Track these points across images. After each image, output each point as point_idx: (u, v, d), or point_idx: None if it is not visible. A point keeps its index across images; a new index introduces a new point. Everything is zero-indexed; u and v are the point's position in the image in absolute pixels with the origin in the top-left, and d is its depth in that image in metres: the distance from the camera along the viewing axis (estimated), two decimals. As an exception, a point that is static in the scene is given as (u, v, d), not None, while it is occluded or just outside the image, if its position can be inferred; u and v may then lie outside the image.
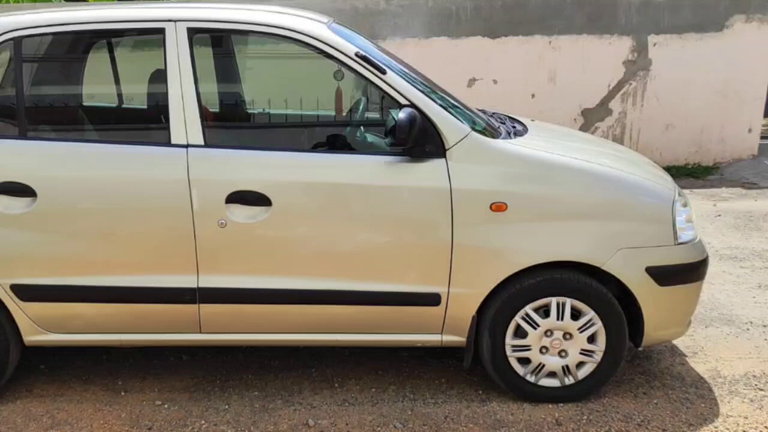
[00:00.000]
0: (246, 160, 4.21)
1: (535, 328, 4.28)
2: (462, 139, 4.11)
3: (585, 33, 10.47)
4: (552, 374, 4.39)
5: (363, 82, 4.36)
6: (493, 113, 5.29)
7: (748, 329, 5.40)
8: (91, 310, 4.34)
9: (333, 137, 4.70)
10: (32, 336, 4.40)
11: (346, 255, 4.23)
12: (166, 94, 4.18)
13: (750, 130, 11.03)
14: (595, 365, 4.36)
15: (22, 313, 4.31)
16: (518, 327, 4.29)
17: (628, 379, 4.72)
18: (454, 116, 4.23)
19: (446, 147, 4.10)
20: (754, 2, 10.54)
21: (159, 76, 4.35)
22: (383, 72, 4.15)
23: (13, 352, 4.43)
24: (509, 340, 4.31)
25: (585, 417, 4.28)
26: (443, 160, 4.10)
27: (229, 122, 5.45)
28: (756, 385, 4.64)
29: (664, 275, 4.24)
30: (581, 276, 4.23)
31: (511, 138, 4.47)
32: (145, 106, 5.13)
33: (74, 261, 4.24)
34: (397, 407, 4.40)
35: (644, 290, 4.24)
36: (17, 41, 4.22)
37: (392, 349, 5.08)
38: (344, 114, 5.99)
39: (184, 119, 4.15)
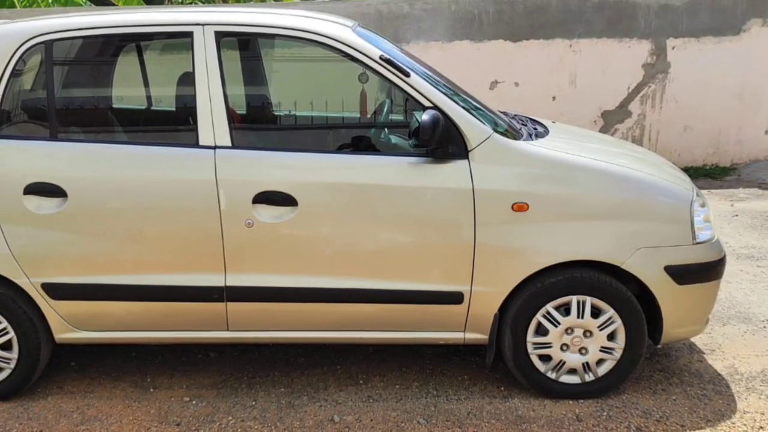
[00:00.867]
0: (272, 161, 4.36)
1: (555, 326, 4.41)
2: (484, 141, 4.24)
3: (605, 36, 10.70)
4: (572, 371, 4.53)
5: (387, 85, 4.50)
6: (515, 115, 5.44)
7: (765, 327, 5.56)
8: (121, 308, 4.50)
9: (357, 139, 4.86)
10: (63, 334, 4.57)
11: (371, 254, 4.37)
12: (194, 97, 4.33)
13: (766, 132, 11.21)
14: (615, 362, 4.49)
15: (53, 311, 4.48)
16: (539, 325, 4.43)
17: (647, 375, 4.86)
18: (477, 118, 4.35)
19: (469, 148, 4.23)
20: (772, 7, 10.74)
21: (187, 79, 4.49)
22: (407, 75, 4.29)
23: (44, 350, 4.59)
24: (531, 338, 4.45)
25: (605, 413, 4.42)
26: (466, 161, 4.24)
27: (256, 124, 5.56)
28: (773, 382, 4.79)
29: (682, 274, 4.36)
30: (601, 275, 4.36)
31: (532, 139, 4.60)
32: (174, 108, 5.26)
33: (104, 260, 4.39)
34: (421, 403, 4.56)
35: (663, 289, 4.36)
36: (48, 45, 4.38)
37: (416, 347, 5.23)
38: (369, 116, 6.15)
39: (212, 121, 4.30)
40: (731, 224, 8.30)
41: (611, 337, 4.45)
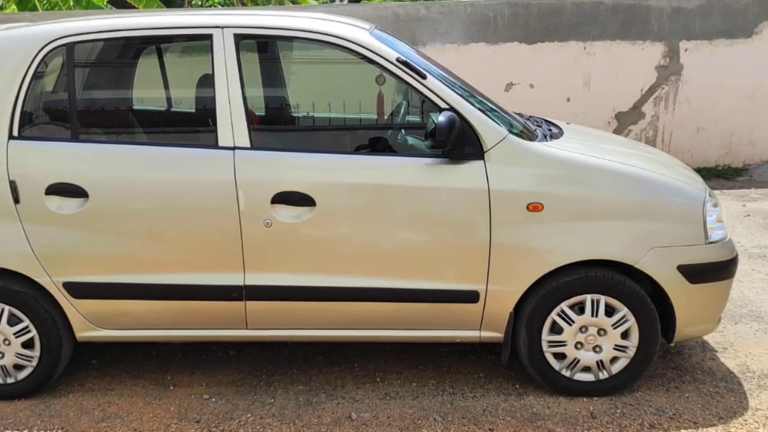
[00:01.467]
0: (291, 162, 4.48)
1: (570, 325, 4.52)
2: (500, 142, 4.34)
3: (618, 39, 10.86)
4: (587, 369, 4.63)
5: (404, 87, 4.62)
6: (530, 117, 5.56)
7: (777, 326, 5.68)
8: (141, 307, 4.62)
9: (375, 140, 4.96)
10: (84, 332, 4.70)
11: (388, 254, 4.47)
12: (213, 98, 4.44)
13: (779, 133, 11.34)
14: (629, 360, 4.59)
15: (74, 309, 4.61)
16: (554, 323, 4.53)
17: (661, 373, 4.97)
18: (492, 119, 4.46)
19: (484, 149, 4.33)
20: (783, 9, 10.90)
21: (207, 81, 4.60)
22: (423, 77, 4.39)
23: (66, 348, 4.73)
24: (545, 336, 4.56)
25: (619, 410, 4.53)
26: (482, 161, 4.34)
27: (275, 125, 5.68)
28: (785, 380, 4.90)
29: (695, 273, 4.46)
30: (615, 274, 4.46)
31: (547, 140, 4.70)
32: (193, 110, 5.37)
33: (124, 259, 4.51)
34: (437, 401, 4.68)
35: (676, 288, 4.46)
36: (69, 47, 4.50)
37: (432, 345, 5.36)
38: (386, 117, 6.25)
39: (231, 122, 4.40)
40: (743, 224, 8.42)
41: (625, 335, 4.55)
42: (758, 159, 11.42)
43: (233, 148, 4.40)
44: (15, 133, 4.45)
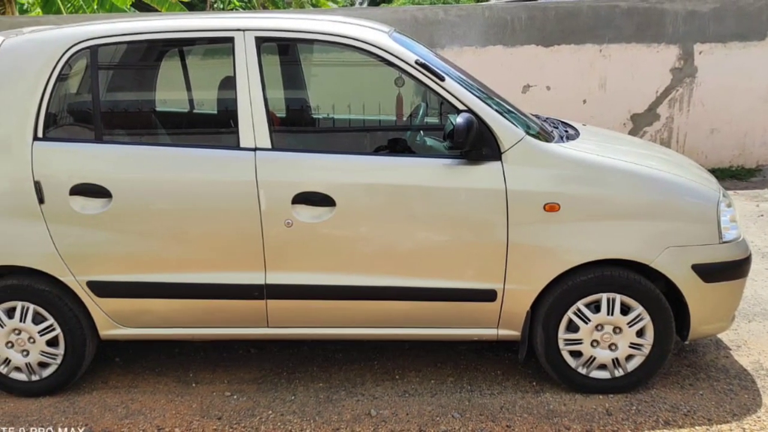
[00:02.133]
0: (311, 163, 4.58)
1: (586, 323, 4.63)
2: (517, 143, 4.45)
3: (634, 42, 11.00)
4: (602, 366, 4.75)
5: (422, 89, 4.72)
6: (547, 118, 5.68)
7: (790, 324, 5.79)
8: (164, 305, 4.74)
9: (394, 141, 5.06)
10: (107, 330, 4.84)
11: (407, 253, 4.58)
12: (235, 100, 4.55)
13: (792, 134, 11.50)
14: (644, 358, 4.70)
15: (98, 308, 4.75)
16: (570, 321, 4.65)
17: (675, 371, 5.09)
18: (510, 121, 4.56)
19: (502, 150, 4.44)
20: (796, 12, 11.06)
21: (228, 83, 4.74)
22: (442, 79, 4.49)
23: (90, 346, 4.87)
24: (562, 334, 4.67)
25: (634, 407, 4.64)
26: (499, 162, 4.44)
27: (295, 126, 5.81)
28: (798, 378, 5.02)
29: (709, 272, 4.56)
30: (630, 273, 4.56)
31: (563, 141, 4.81)
32: (215, 112, 5.51)
33: (147, 259, 4.64)
34: (455, 398, 4.80)
35: (690, 287, 4.56)
36: (93, 50, 4.63)
37: (450, 343, 5.50)
38: (405, 119, 6.36)
39: (253, 124, 4.52)
40: (757, 224, 8.55)
41: (640, 333, 4.66)
42: (772, 160, 11.60)
43: (254, 149, 4.51)
44: (40, 134, 4.57)
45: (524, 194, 4.44)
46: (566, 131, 5.23)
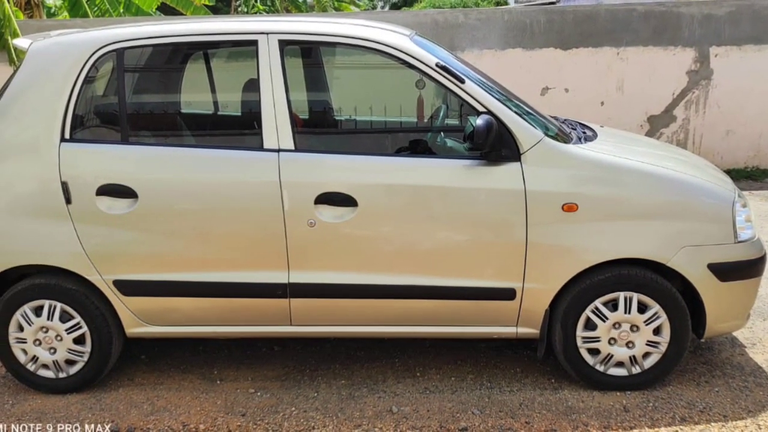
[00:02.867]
0: (334, 164, 4.70)
1: (604, 321, 4.74)
2: (536, 144, 4.56)
3: (651, 45, 11.23)
4: (620, 364, 4.85)
5: (443, 91, 4.78)
6: (565, 120, 5.80)
7: (803, 322, 5.91)
8: (189, 304, 4.87)
9: (415, 142, 5.16)
10: (133, 328, 4.97)
11: (427, 252, 4.69)
12: (258, 102, 4.67)
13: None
14: (661, 355, 4.82)
15: (124, 306, 4.87)
16: (588, 320, 4.76)
17: (691, 368, 5.21)
18: (529, 122, 4.67)
19: (521, 151, 4.55)
20: (810, 17, 11.26)
21: (252, 85, 4.83)
22: (462, 81, 4.61)
23: (116, 344, 5.00)
24: (580, 332, 4.79)
25: (651, 404, 4.76)
26: (518, 163, 4.55)
27: (318, 128, 5.93)
28: (811, 375, 5.13)
29: (724, 271, 4.67)
30: (647, 272, 4.67)
31: (581, 143, 4.91)
32: (239, 113, 5.62)
33: (173, 258, 4.76)
34: (475, 395, 4.92)
35: (706, 285, 4.67)
36: (119, 53, 4.76)
37: (470, 341, 5.62)
38: (425, 120, 6.47)
39: (276, 125, 4.64)
40: (769, 224, 8.64)
41: (657, 331, 4.76)
42: (787, 161, 11.79)
43: (278, 151, 4.62)
44: (67, 135, 4.71)
45: (543, 194, 4.55)
46: (584, 133, 5.33)
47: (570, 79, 11.47)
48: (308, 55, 6.02)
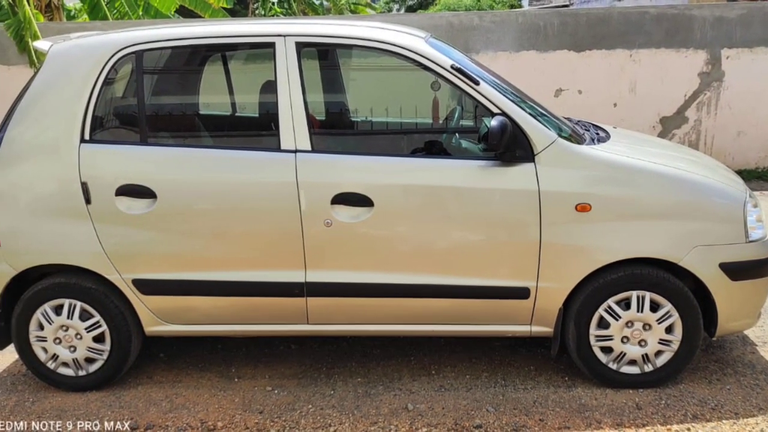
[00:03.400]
0: (350, 164, 4.78)
1: (617, 320, 4.82)
2: (549, 145, 4.64)
3: (663, 47, 11.35)
4: (632, 362, 4.93)
5: (458, 92, 4.87)
6: (578, 121, 5.87)
7: (813, 321, 5.97)
8: (207, 302, 4.95)
9: (430, 143, 5.20)
10: (152, 327, 5.07)
11: (442, 252, 4.77)
12: (276, 104, 4.76)
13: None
14: (673, 354, 4.88)
15: (143, 305, 4.97)
16: (601, 318, 4.83)
17: (703, 366, 5.28)
18: (542, 124, 4.75)
19: (535, 152, 4.63)
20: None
21: (269, 87, 4.91)
22: (477, 83, 4.69)
23: (135, 342, 5.10)
24: (593, 331, 4.86)
25: (663, 401, 4.83)
26: (532, 164, 4.63)
27: (334, 129, 6.00)
28: (822, 374, 5.20)
29: (736, 270, 4.74)
30: (660, 271, 4.74)
31: (594, 144, 4.98)
32: (257, 115, 5.70)
33: (191, 257, 4.85)
34: (490, 392, 5.00)
35: (718, 284, 4.73)
36: (138, 55, 4.85)
37: (485, 339, 5.71)
38: (440, 122, 6.52)
39: (293, 126, 4.72)
40: (779, 223, 8.64)
41: (669, 330, 4.83)
42: (797, 161, 11.90)
43: (295, 151, 4.70)
44: (86, 136, 4.80)
45: (557, 195, 4.62)
46: (597, 134, 5.41)
47: (583, 81, 11.59)
48: (325, 57, 6.09)
